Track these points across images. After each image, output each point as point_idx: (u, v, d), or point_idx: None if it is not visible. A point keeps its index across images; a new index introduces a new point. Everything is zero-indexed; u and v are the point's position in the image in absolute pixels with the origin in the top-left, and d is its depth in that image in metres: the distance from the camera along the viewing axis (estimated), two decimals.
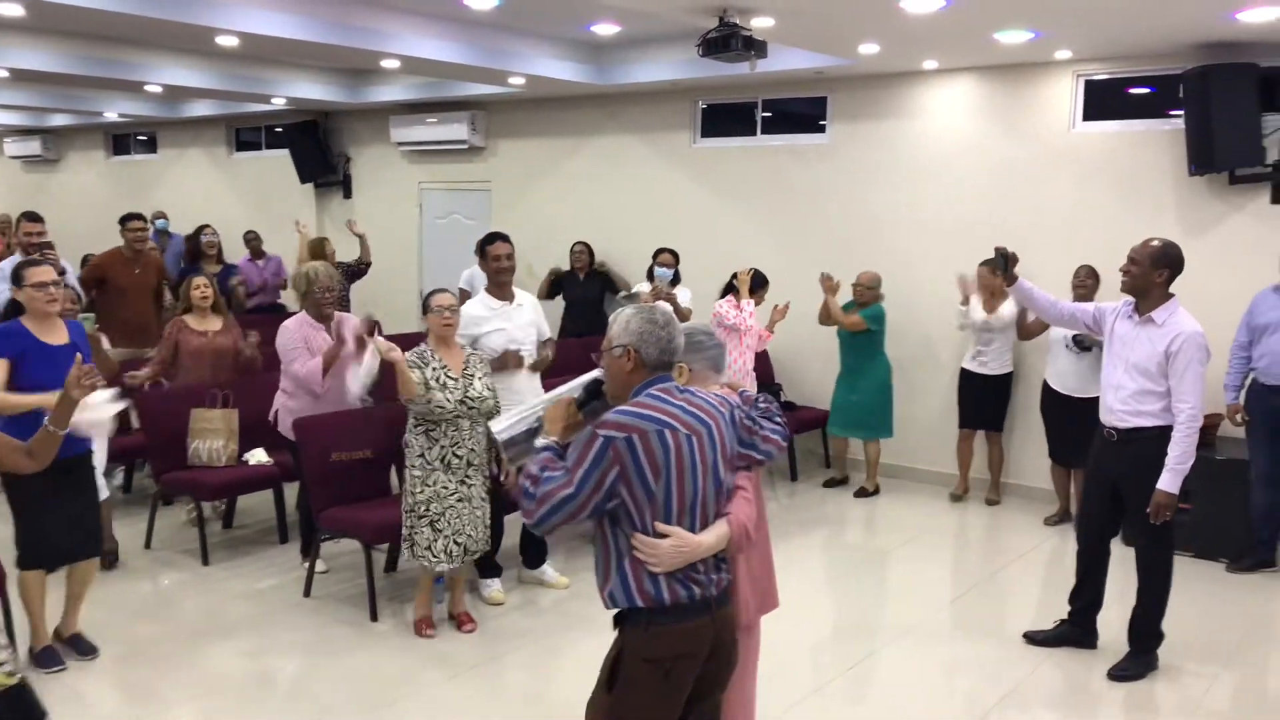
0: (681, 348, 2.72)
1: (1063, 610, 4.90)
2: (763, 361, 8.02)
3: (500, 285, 5.26)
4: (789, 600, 5.52)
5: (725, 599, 2.70)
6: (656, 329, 2.66)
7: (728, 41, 5.35)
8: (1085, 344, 6.34)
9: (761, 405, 2.95)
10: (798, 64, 7.32)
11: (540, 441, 2.70)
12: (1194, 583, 5.69)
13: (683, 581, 2.58)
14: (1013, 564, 6.10)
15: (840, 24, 5.95)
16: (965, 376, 7.18)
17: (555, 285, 8.95)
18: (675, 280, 7.58)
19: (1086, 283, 6.51)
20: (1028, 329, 6.81)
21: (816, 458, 8.17)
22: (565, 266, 9.01)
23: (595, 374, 2.83)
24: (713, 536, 2.61)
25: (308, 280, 5.51)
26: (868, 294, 7.28)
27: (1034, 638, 4.89)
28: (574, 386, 2.88)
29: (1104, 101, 7.07)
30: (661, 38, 7.87)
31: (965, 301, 6.96)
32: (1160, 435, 4.36)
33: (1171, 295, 4.47)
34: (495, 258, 5.23)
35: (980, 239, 7.34)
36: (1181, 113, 6.50)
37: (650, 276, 7.64)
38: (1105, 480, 4.60)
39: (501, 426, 2.98)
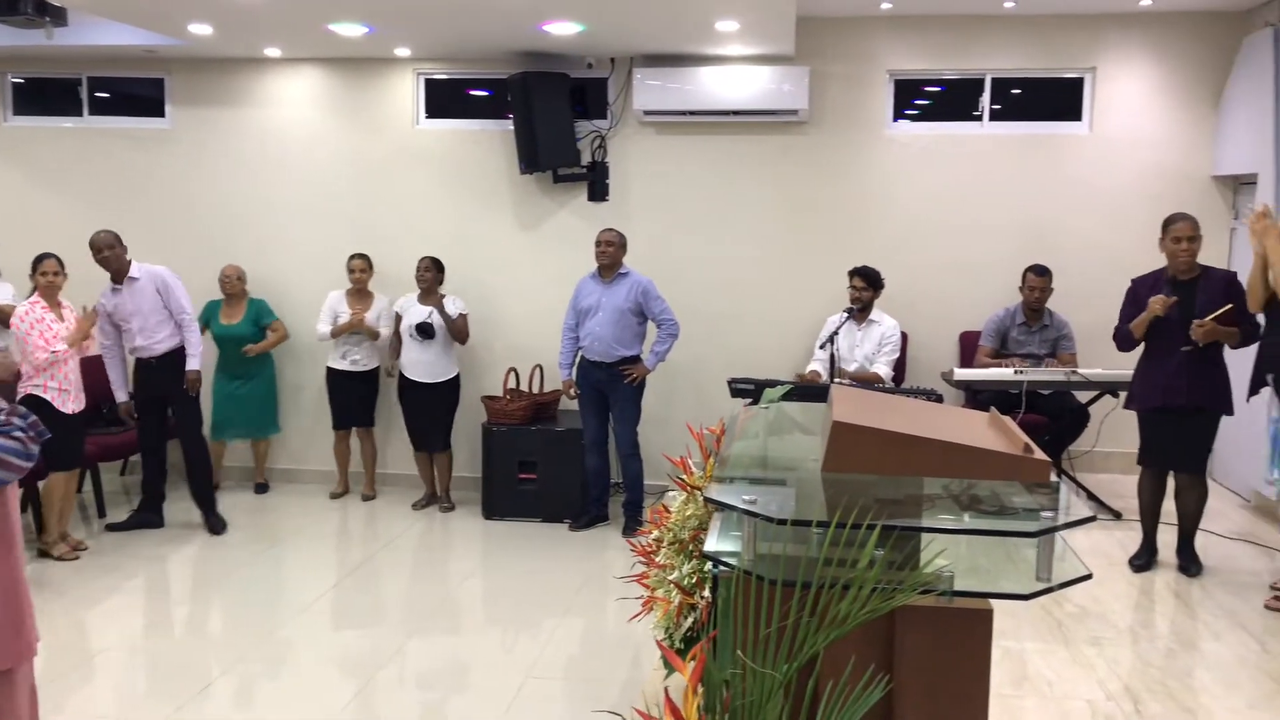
0: None
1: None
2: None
3: None
4: (161, 613, 5.08)
5: None
6: None
7: (15, 5, 4.64)
8: (429, 332, 6.63)
9: (1, 420, 2.52)
10: (125, 40, 6.65)
11: None
12: (541, 546, 6.26)
13: None
14: (384, 549, 6.20)
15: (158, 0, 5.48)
16: (334, 376, 7.09)
17: None
18: None
19: (425, 275, 6.75)
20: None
21: None
22: None
23: None
24: None
25: None
26: (237, 286, 7.07)
27: None
28: None
29: (445, 101, 7.43)
30: None
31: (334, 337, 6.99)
32: None
33: None
34: None
35: (338, 230, 7.35)
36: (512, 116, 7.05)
37: None
38: None
39: None
